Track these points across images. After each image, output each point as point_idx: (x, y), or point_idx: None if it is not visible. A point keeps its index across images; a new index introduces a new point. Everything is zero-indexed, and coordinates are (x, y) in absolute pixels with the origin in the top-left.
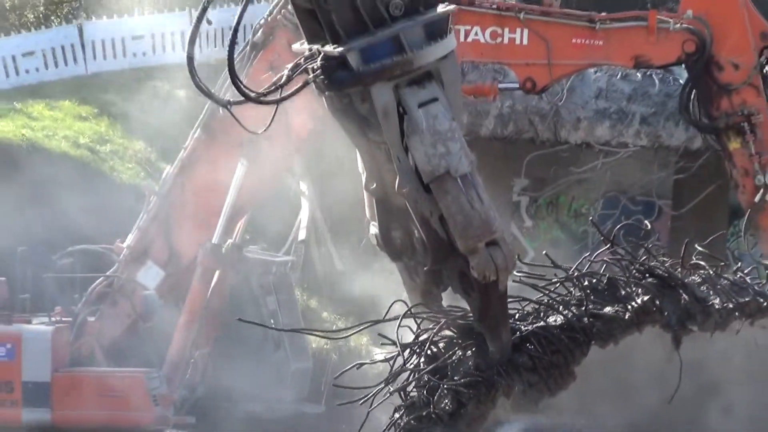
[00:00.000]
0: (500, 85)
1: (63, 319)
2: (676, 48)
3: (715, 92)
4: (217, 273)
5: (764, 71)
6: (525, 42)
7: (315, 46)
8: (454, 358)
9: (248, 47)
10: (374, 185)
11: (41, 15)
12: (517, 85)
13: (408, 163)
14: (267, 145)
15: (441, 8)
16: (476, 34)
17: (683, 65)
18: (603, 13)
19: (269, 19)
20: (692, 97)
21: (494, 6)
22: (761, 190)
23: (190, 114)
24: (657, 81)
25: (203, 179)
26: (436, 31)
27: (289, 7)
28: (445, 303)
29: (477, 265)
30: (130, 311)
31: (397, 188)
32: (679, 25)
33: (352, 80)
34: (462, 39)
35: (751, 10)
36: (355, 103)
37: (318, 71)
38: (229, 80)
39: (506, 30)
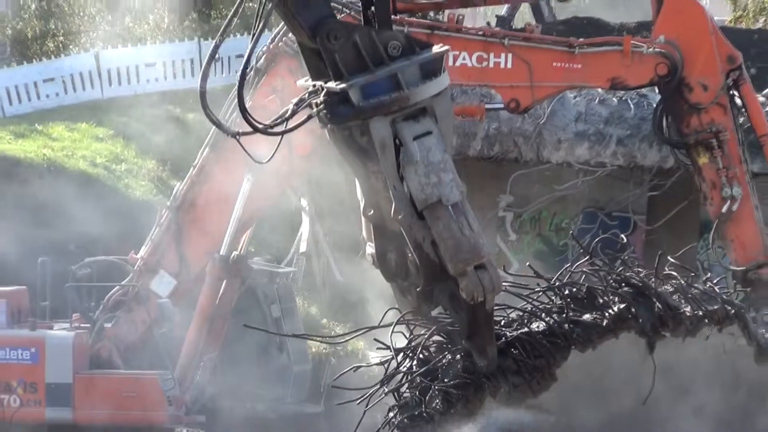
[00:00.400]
0: (487, 106)
1: (82, 325)
2: (650, 71)
3: (686, 111)
4: (224, 282)
5: (730, 92)
6: (509, 66)
7: (319, 83)
8: (444, 361)
9: (252, 72)
10: (372, 211)
11: (61, 44)
12: (502, 106)
13: (403, 192)
14: (270, 163)
15: (436, 49)
16: (464, 58)
17: (656, 87)
18: (581, 39)
19: (271, 46)
20: (664, 116)
21: (480, 33)
22: (728, 202)
23: (199, 135)
24: (632, 105)
25: (211, 195)
26: (431, 70)
27: (290, 35)
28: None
29: (466, 286)
30: (144, 317)
31: (392, 214)
32: (652, 49)
33: (353, 114)
34: (450, 63)
35: (719, 36)
36: (355, 135)
37: (321, 106)
38: (234, 105)
39: (491, 55)
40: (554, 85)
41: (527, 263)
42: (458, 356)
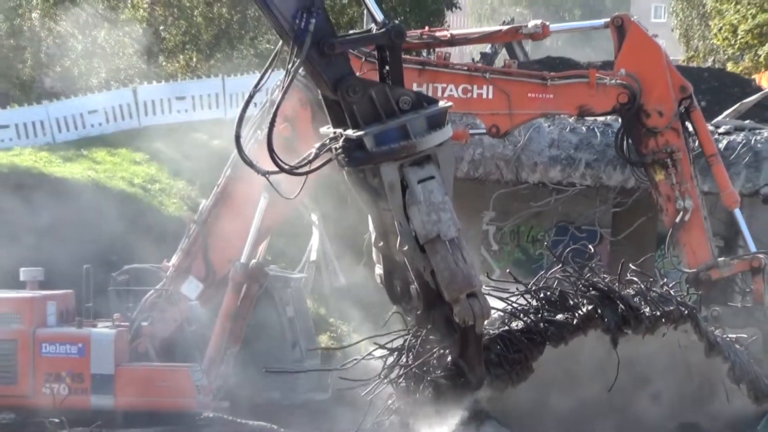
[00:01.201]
0: (471, 131)
1: (122, 324)
2: (612, 99)
3: (644, 134)
4: (244, 286)
5: (683, 117)
6: (490, 96)
7: (338, 130)
8: (435, 356)
9: (267, 104)
10: (381, 243)
11: (103, 80)
12: (484, 131)
13: (408, 228)
14: (283, 183)
15: (441, 104)
16: (451, 90)
17: (618, 113)
18: (552, 72)
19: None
20: (625, 139)
21: (465, 68)
22: (681, 213)
23: (223, 159)
24: (599, 133)
25: (233, 209)
26: (436, 122)
27: (301, 70)
28: None
29: (459, 312)
30: (176, 317)
31: (398, 247)
32: (614, 80)
33: (366, 159)
34: (439, 94)
35: (672, 68)
36: (367, 177)
37: (340, 150)
38: (251, 132)
39: (475, 87)
40: (530, 112)
41: (507, 270)
42: (447, 351)
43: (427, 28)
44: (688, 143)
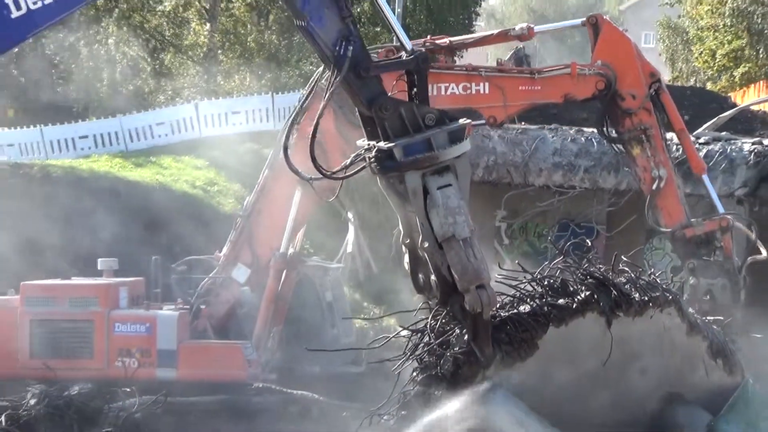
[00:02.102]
0: (473, 123)
1: (183, 306)
2: (592, 86)
3: (620, 115)
4: (284, 273)
5: (653, 99)
6: (487, 91)
7: (372, 142)
8: (454, 335)
9: (299, 109)
10: (407, 240)
11: (169, 97)
12: (484, 122)
13: (428, 228)
14: (319, 183)
15: (461, 122)
16: (453, 89)
17: (597, 98)
18: (539, 66)
19: (311, 86)
20: (605, 120)
21: (464, 69)
22: (656, 181)
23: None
24: (595, 143)
25: (272, 205)
26: (456, 137)
27: (323, 81)
28: None
29: (469, 300)
30: (229, 300)
31: (420, 244)
32: (592, 70)
33: (395, 167)
34: (443, 93)
35: (642, 58)
36: (395, 183)
37: (372, 159)
38: (287, 131)
39: (473, 84)
40: (522, 103)
41: (516, 261)
42: (462, 333)
43: (429, 36)
44: (659, 120)
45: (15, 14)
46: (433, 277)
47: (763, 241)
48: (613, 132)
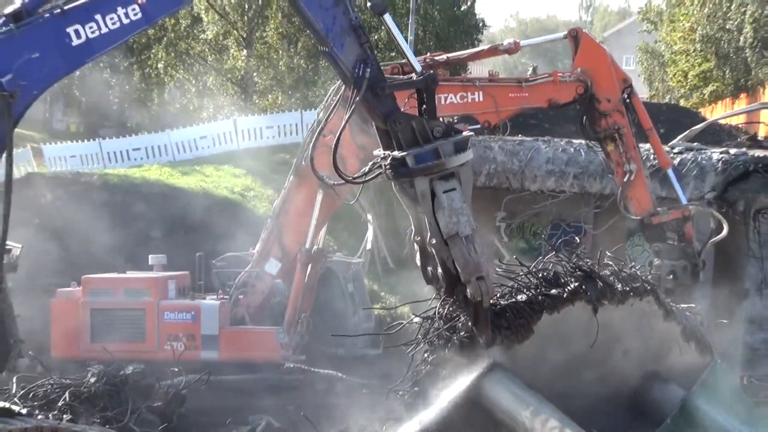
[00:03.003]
0: (469, 127)
1: (224, 297)
2: (572, 92)
3: (597, 116)
4: (309, 266)
5: (625, 102)
6: (481, 99)
7: (386, 152)
8: (458, 322)
9: (315, 123)
10: (418, 237)
11: (211, 113)
12: (479, 127)
13: (435, 226)
14: (340, 187)
15: (465, 134)
16: (451, 98)
17: (577, 102)
18: (524, 76)
19: (330, 101)
20: (584, 120)
21: (460, 80)
22: (627, 174)
23: None
24: (583, 153)
25: (297, 206)
26: (461, 147)
27: (340, 98)
28: None
29: (471, 291)
30: (263, 290)
31: (428, 241)
32: (572, 77)
33: (407, 174)
34: (443, 102)
35: (616, 66)
36: (406, 187)
37: (387, 167)
38: (310, 143)
39: (469, 93)
40: (511, 108)
41: (514, 256)
42: (466, 319)
43: (429, 54)
44: (630, 121)
45: (75, 42)
46: (439, 269)
47: (726, 239)
48: (591, 130)
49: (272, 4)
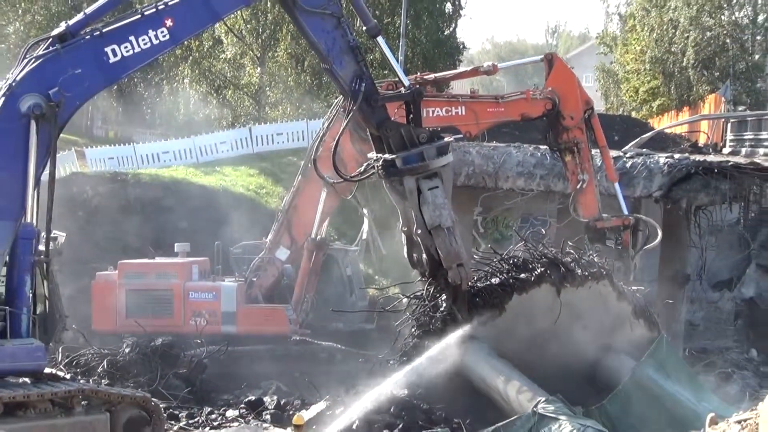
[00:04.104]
0: (454, 136)
1: (240, 279)
2: (542, 108)
3: (560, 130)
4: (314, 253)
5: (586, 121)
6: (463, 113)
7: (379, 155)
8: (442, 301)
9: (320, 131)
10: (405, 228)
11: (230, 122)
12: (462, 136)
13: (421, 219)
14: (337, 185)
15: (446, 139)
16: (437, 111)
17: (545, 117)
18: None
19: (332, 112)
20: (549, 133)
21: (445, 96)
22: (580, 182)
23: None
24: (548, 157)
25: (304, 202)
26: (443, 151)
27: (342, 110)
28: None
29: (451, 275)
30: (275, 274)
31: (414, 232)
32: (542, 95)
33: (396, 173)
34: (431, 115)
35: (582, 89)
36: (396, 185)
37: (380, 167)
38: (314, 149)
39: (453, 108)
40: (489, 121)
41: (489, 245)
42: (447, 299)
43: (419, 73)
44: (588, 138)
45: (112, 60)
46: (424, 256)
47: (672, 231)
48: (554, 141)
49: (282, 28)
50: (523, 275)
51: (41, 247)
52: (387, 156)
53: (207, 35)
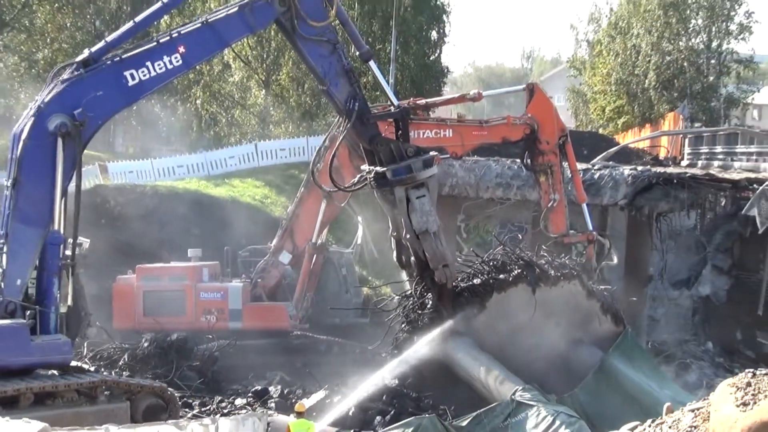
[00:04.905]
0: (441, 156)
1: (246, 280)
2: (521, 132)
3: (536, 154)
4: (314, 257)
5: (560, 147)
6: (451, 135)
7: (371, 167)
8: (429, 299)
9: (322, 146)
10: (395, 233)
11: (238, 139)
12: (449, 156)
13: (410, 224)
14: (335, 195)
15: (431, 154)
16: (427, 133)
17: (524, 140)
18: (486, 118)
19: (332, 131)
20: (526, 155)
21: (435, 120)
22: (552, 201)
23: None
24: (524, 170)
25: (306, 211)
26: (428, 164)
27: (340, 128)
28: None
29: (437, 275)
30: (277, 275)
31: (403, 236)
32: (522, 121)
33: (387, 184)
34: (421, 136)
35: (558, 118)
36: (387, 195)
37: (372, 179)
38: (315, 162)
39: (441, 130)
40: (474, 143)
41: (471, 249)
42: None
43: (412, 99)
44: (561, 161)
45: (131, 83)
46: (412, 258)
47: (635, 236)
48: (530, 163)
49: (285, 54)
50: (501, 276)
51: (68, 252)
52: (378, 168)
53: (216, 61)
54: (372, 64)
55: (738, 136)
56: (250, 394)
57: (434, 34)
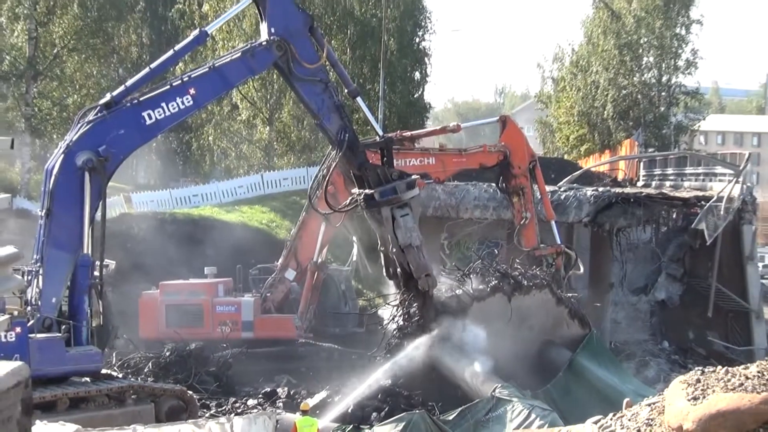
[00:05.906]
0: (425, 181)
1: (257, 295)
2: (496, 159)
3: (509, 177)
4: (315, 274)
5: (530, 171)
6: (433, 162)
7: (360, 190)
8: (414, 308)
9: (319, 175)
10: (383, 248)
11: (245, 170)
12: (432, 181)
13: (395, 240)
14: (332, 217)
15: (413, 177)
16: (412, 161)
17: (498, 166)
18: (465, 147)
19: (326, 161)
20: (500, 179)
21: (419, 149)
22: (524, 219)
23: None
24: (499, 193)
25: (307, 233)
26: (411, 186)
27: (337, 160)
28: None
29: (420, 284)
30: (284, 290)
31: (390, 250)
32: (496, 149)
33: (375, 204)
34: (407, 164)
35: (528, 145)
36: (375, 214)
37: (361, 200)
38: (314, 187)
39: (425, 158)
40: (454, 169)
41: (453, 263)
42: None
43: (398, 131)
44: (531, 184)
45: (149, 122)
46: (399, 269)
47: (598, 249)
48: (504, 186)
49: (286, 95)
50: (481, 287)
51: (96, 273)
52: (367, 191)
53: (225, 102)
54: (360, 100)
55: (687, 159)
56: (260, 396)
57: (417, 75)
